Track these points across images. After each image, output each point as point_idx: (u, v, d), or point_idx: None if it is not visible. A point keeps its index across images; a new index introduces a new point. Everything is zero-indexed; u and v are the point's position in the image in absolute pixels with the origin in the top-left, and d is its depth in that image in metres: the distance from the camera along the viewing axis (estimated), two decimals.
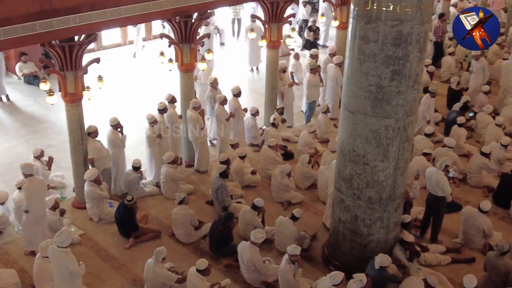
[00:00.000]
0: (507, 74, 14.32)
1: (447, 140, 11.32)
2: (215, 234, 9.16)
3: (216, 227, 9.13)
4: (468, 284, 7.61)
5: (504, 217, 10.41)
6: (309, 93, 13.45)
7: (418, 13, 7.09)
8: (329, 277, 7.57)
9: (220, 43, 19.32)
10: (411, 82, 7.49)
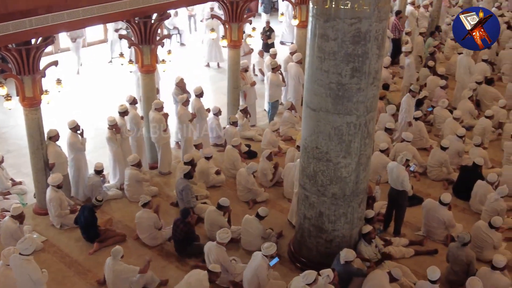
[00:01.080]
0: (461, 68, 14.67)
1: (405, 134, 11.53)
2: (177, 234, 9.12)
3: (177, 227, 9.10)
4: (431, 275, 7.76)
5: (464, 209, 10.66)
6: (271, 92, 13.50)
7: (375, 11, 7.20)
8: (302, 276, 7.61)
9: (180, 44, 19.21)
10: (371, 79, 7.61)
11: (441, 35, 18.81)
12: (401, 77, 16.42)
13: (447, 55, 17.65)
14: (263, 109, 14.42)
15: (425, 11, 19.63)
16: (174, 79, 13.14)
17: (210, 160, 11.16)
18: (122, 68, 13.18)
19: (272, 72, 13.36)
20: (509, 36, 18.12)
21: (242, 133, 12.81)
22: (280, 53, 15.77)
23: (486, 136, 12.55)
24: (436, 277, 7.74)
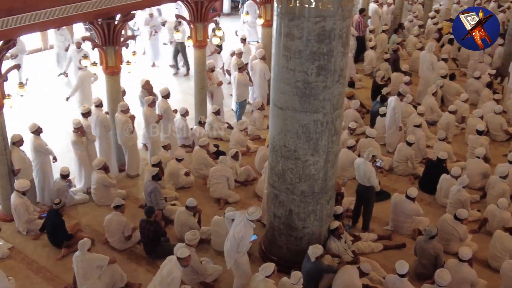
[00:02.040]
0: (424, 65, 14.94)
1: (368, 131, 11.67)
2: (146, 235, 9.05)
3: (144, 228, 9.03)
4: (400, 269, 7.88)
5: (430, 202, 10.86)
6: (239, 92, 13.49)
7: (339, 9, 7.26)
8: (260, 269, 7.66)
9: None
10: (336, 76, 7.68)
11: (404, 32, 19.12)
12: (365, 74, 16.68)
13: (410, 52, 17.95)
14: (231, 109, 14.41)
15: (388, 8, 19.93)
16: (140, 81, 13.02)
17: (180, 162, 11.10)
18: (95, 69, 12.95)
19: (239, 71, 13.36)
20: None
21: (210, 133, 12.79)
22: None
23: (450, 130, 12.80)
24: (404, 271, 7.85)
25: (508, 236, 8.95)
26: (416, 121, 12.01)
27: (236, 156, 11.10)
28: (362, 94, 15.01)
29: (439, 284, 7.74)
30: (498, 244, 9.01)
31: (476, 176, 10.98)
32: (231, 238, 8.17)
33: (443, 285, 7.72)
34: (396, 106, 12.46)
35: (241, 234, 8.05)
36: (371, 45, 17.17)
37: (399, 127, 12.43)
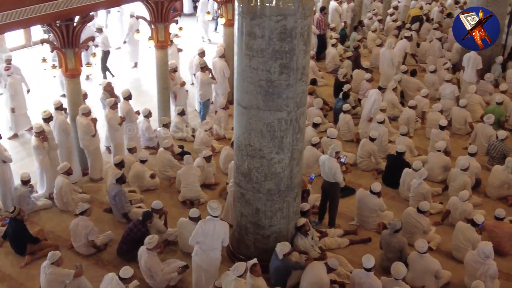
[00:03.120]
0: (384, 61, 15.17)
1: (329, 131, 11.72)
2: (132, 234, 8.93)
3: (135, 226, 8.95)
4: (366, 263, 7.99)
5: (394, 196, 11.03)
6: (202, 92, 13.42)
7: (300, 8, 7.31)
8: (232, 269, 7.65)
9: None
10: (299, 74, 7.73)
11: (364, 30, 19.37)
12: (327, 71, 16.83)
13: (370, 48, 18.20)
14: (194, 109, 14.35)
15: (347, 6, 20.15)
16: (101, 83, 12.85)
17: (144, 163, 10.98)
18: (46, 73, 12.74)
19: (202, 71, 13.30)
20: (428, 29, 18.89)
21: (174, 134, 12.71)
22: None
23: (411, 125, 13.02)
24: (370, 265, 7.97)
25: (469, 227, 9.16)
26: (379, 118, 12.18)
27: (209, 158, 11.05)
28: (325, 92, 15.15)
29: (395, 277, 7.87)
30: (460, 236, 9.22)
31: (437, 169, 11.22)
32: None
33: (399, 278, 7.85)
34: (377, 99, 12.68)
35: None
36: (332, 42, 17.34)
37: (370, 119, 12.75)
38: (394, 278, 7.89)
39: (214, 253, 8.22)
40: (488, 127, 12.21)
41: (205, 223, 8.13)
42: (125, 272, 7.71)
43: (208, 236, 8.09)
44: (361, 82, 14.71)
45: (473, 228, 9.13)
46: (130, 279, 7.72)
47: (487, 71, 15.26)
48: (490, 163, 11.55)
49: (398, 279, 7.87)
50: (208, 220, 8.13)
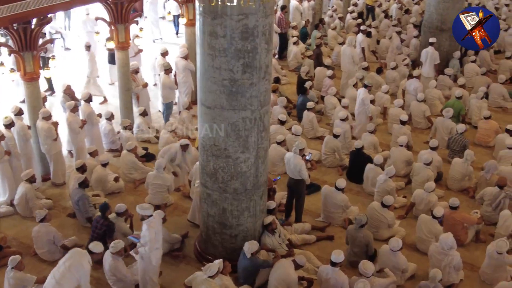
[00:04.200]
0: (345, 58, 15.34)
1: (294, 128, 11.79)
2: (96, 234, 8.83)
3: (97, 222, 8.86)
4: (336, 258, 8.07)
5: (359, 191, 11.17)
6: (165, 94, 13.31)
7: (261, 6, 7.32)
8: (204, 269, 7.63)
9: (64, 48, 18.44)
10: (262, 73, 7.74)
11: (325, 27, 19.54)
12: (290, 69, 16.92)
13: (331, 46, 18.37)
14: (158, 110, 14.23)
15: (308, 4, 20.30)
16: (61, 86, 12.61)
17: (106, 166, 10.82)
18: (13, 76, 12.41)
19: (165, 73, 13.18)
20: (388, 25, 19.18)
21: (138, 136, 12.58)
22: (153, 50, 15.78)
23: (373, 121, 13.19)
24: (339, 260, 8.06)
25: (432, 219, 9.34)
26: (341, 114, 12.31)
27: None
28: (288, 90, 15.23)
29: (364, 275, 7.93)
30: (424, 228, 9.39)
31: (400, 164, 11.40)
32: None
33: (369, 275, 7.92)
34: (365, 97, 12.77)
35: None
36: (294, 41, 17.44)
37: (369, 117, 12.77)
38: (364, 276, 7.92)
39: (153, 254, 8.15)
40: (448, 120, 12.47)
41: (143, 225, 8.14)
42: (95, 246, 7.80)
43: (145, 237, 8.09)
44: (323, 79, 14.83)
45: (435, 220, 9.31)
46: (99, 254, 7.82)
47: (445, 66, 15.60)
48: (451, 156, 11.80)
49: (368, 277, 7.92)
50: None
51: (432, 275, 7.92)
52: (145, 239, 8.04)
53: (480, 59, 16.51)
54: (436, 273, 7.93)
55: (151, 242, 8.03)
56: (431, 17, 16.07)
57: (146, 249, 8.06)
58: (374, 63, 16.84)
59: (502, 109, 14.51)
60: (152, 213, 8.20)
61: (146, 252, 8.05)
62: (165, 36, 19.65)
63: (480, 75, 15.14)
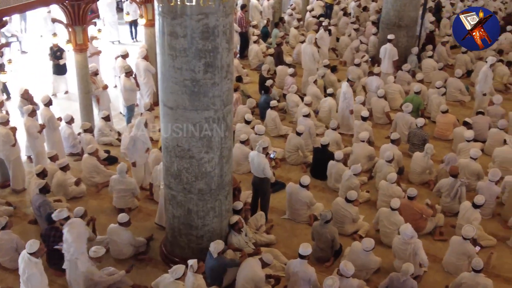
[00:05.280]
0: (306, 56, 15.45)
1: (257, 128, 11.83)
2: (50, 244, 8.56)
3: (48, 236, 8.58)
4: (303, 251, 8.16)
5: (323, 188, 11.28)
6: (126, 96, 13.13)
7: (221, 6, 7.31)
8: (170, 272, 7.59)
9: (21, 52, 18.02)
10: (224, 72, 7.73)
11: (285, 26, 19.64)
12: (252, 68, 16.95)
13: (292, 44, 18.48)
14: (119, 112, 14.05)
15: (268, 3, 20.37)
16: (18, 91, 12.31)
17: (67, 171, 10.63)
18: None
19: (125, 76, 13.01)
20: (347, 22, 19.41)
21: (99, 139, 12.40)
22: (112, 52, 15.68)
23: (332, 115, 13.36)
24: (308, 252, 8.16)
25: (390, 211, 9.49)
26: (304, 111, 12.40)
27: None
28: (251, 89, 15.24)
29: (345, 275, 7.89)
30: (385, 221, 9.54)
31: (362, 159, 11.54)
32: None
33: (349, 275, 7.91)
34: (346, 91, 12.86)
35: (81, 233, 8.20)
36: (254, 39, 17.48)
37: (350, 111, 12.89)
38: (344, 276, 7.90)
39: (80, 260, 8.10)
40: (407, 115, 12.71)
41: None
42: (32, 246, 7.57)
43: (67, 241, 8.06)
44: (285, 77, 14.90)
45: (395, 211, 9.46)
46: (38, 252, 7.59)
47: (403, 62, 15.88)
48: (411, 150, 12.03)
49: (348, 277, 7.93)
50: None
51: (404, 269, 8.04)
52: (68, 242, 8.01)
53: (437, 54, 16.89)
54: (408, 267, 8.05)
55: (75, 243, 7.99)
56: (388, 14, 16.33)
57: (71, 251, 8.00)
58: (334, 61, 17.03)
59: (460, 103, 14.87)
60: (68, 215, 8.26)
61: (72, 255, 7.98)
62: (124, 37, 19.44)
63: (438, 70, 15.50)
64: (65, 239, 8.02)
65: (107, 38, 18.62)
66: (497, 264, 9.17)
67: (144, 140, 10.58)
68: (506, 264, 9.26)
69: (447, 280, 8.77)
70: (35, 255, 7.62)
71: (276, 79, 15.21)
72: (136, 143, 10.65)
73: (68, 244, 8.00)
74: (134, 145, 10.67)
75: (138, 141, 10.59)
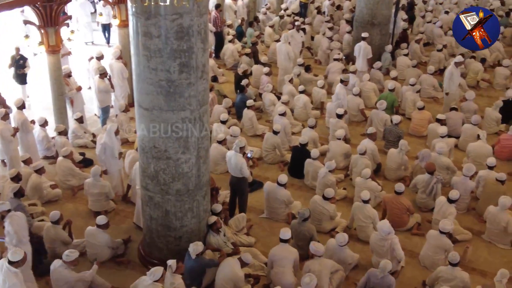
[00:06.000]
0: (281, 55, 15.48)
1: (232, 130, 11.77)
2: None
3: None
4: (284, 235, 8.36)
5: (301, 186, 11.32)
6: (101, 98, 12.98)
7: (195, 6, 7.28)
8: (149, 274, 7.53)
9: None
10: (200, 73, 7.70)
11: (260, 25, 19.65)
12: (227, 68, 16.92)
13: (267, 43, 18.51)
14: (94, 114, 13.91)
15: (242, 2, 20.36)
16: None
17: (42, 174, 10.48)
18: None
19: (100, 77, 12.87)
20: (321, 21, 19.50)
21: (74, 141, 12.26)
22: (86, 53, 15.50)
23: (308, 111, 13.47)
24: (288, 236, 8.36)
25: (363, 204, 9.57)
26: (280, 110, 12.43)
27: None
28: (227, 88, 15.23)
29: (316, 253, 8.21)
30: (359, 215, 9.61)
31: (339, 157, 11.62)
32: None
33: (320, 254, 8.19)
34: (339, 92, 12.86)
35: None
36: (229, 39, 17.47)
37: (344, 111, 12.82)
38: (315, 255, 8.17)
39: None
40: (382, 112, 12.82)
41: None
42: (15, 255, 7.33)
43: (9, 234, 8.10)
44: (261, 76, 14.91)
45: (366, 203, 9.55)
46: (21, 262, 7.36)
47: (377, 59, 16.02)
48: (386, 147, 12.15)
49: (320, 256, 8.18)
50: None
51: (382, 266, 8.11)
52: (10, 235, 8.02)
53: (411, 52, 17.08)
54: (386, 264, 8.12)
55: (17, 234, 8.01)
56: (362, 12, 16.45)
57: (14, 243, 7.98)
58: (310, 59, 17.11)
59: (433, 99, 15.05)
60: (9, 208, 8.26)
61: (16, 246, 7.90)
62: (98, 39, 19.25)
63: (412, 67, 15.68)
64: (6, 232, 8.01)
65: (81, 39, 18.42)
66: (473, 257, 9.31)
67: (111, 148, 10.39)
68: (481, 257, 9.40)
69: (424, 275, 8.87)
70: (16, 265, 7.31)
71: (252, 78, 15.22)
72: (107, 150, 10.53)
73: (10, 236, 7.99)
74: (105, 153, 10.53)
75: (109, 148, 10.45)
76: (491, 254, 9.49)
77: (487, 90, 15.72)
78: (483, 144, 11.60)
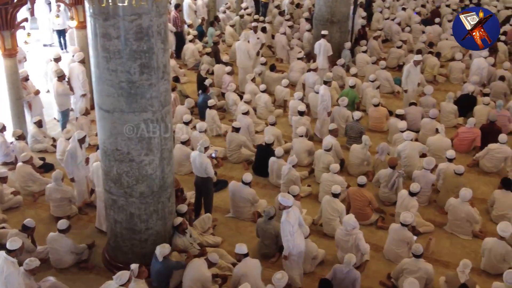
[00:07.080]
0: (241, 54, 15.49)
1: (198, 125, 11.79)
2: None
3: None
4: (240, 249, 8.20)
5: (266, 184, 11.35)
6: (60, 101, 12.74)
7: (154, 6, 7.22)
8: (115, 278, 7.43)
9: None
10: (161, 73, 7.65)
11: (220, 24, 19.62)
12: (189, 68, 16.83)
13: (229, 43, 18.49)
14: (53, 118, 13.64)
15: (202, 2, 20.29)
16: None
17: (5, 183, 10.22)
18: None
19: (58, 80, 12.62)
20: (281, 21, 19.58)
21: (33, 146, 12.01)
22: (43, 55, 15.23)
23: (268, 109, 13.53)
24: (245, 251, 8.19)
25: (332, 198, 9.65)
26: (243, 109, 12.44)
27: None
28: (189, 88, 15.16)
29: (284, 203, 8.31)
30: (328, 208, 9.67)
31: (302, 154, 11.69)
32: None
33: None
34: (324, 93, 12.77)
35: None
36: (190, 38, 17.39)
37: (327, 113, 12.76)
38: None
39: None
40: (343, 109, 12.97)
41: None
42: (13, 243, 7.54)
43: None
44: (223, 76, 14.89)
45: (336, 197, 9.64)
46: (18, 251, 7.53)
47: (338, 57, 16.19)
48: (349, 143, 12.30)
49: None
50: None
51: (346, 260, 8.20)
52: None
53: (370, 49, 17.32)
54: (350, 258, 8.21)
55: None
56: (321, 10, 16.61)
57: None
58: (271, 58, 17.17)
59: (393, 95, 15.30)
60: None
61: None
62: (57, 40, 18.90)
63: (371, 64, 15.91)
64: None
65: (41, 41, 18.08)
66: (436, 249, 9.50)
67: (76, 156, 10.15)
68: (444, 248, 9.61)
69: (389, 268, 9.02)
70: (14, 254, 7.63)
71: (214, 78, 15.18)
72: (73, 157, 10.30)
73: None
74: (72, 159, 10.29)
75: (74, 155, 10.23)
76: (453, 245, 9.71)
77: (445, 85, 16.06)
78: (442, 137, 11.85)
